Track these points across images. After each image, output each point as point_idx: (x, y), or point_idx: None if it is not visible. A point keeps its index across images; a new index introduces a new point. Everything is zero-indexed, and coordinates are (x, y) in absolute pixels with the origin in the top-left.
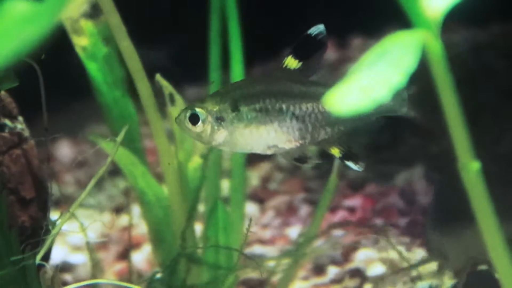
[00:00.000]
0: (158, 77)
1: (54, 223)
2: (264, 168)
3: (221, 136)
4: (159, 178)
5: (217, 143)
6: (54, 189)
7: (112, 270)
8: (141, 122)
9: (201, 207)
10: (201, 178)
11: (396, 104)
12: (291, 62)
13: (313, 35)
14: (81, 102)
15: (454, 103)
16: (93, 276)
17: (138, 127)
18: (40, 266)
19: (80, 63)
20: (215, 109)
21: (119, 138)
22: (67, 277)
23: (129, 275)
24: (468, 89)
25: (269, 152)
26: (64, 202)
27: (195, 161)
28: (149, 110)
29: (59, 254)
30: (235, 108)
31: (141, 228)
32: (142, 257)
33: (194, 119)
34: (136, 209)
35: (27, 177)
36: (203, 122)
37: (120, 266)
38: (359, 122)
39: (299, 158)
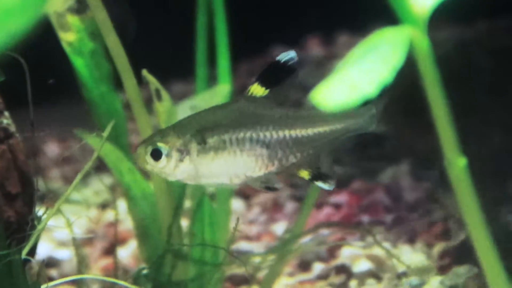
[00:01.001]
0: (145, 72)
1: (40, 218)
2: None
3: (185, 170)
4: (146, 174)
5: (181, 178)
6: (41, 184)
7: (98, 266)
8: (128, 118)
9: (187, 203)
10: None
11: (366, 121)
12: (257, 90)
13: (282, 61)
14: (68, 98)
15: (440, 100)
16: (79, 271)
17: (125, 123)
18: (26, 261)
19: (66, 59)
20: (178, 143)
21: (105, 133)
22: (53, 272)
23: (114, 271)
24: (455, 86)
25: (236, 182)
26: (51, 198)
27: None
28: (136, 106)
29: (45, 249)
30: (200, 140)
31: (127, 224)
32: (128, 253)
33: (156, 154)
34: (122, 205)
35: (13, 172)
36: (167, 156)
37: (106, 262)
38: (329, 144)
39: (268, 185)
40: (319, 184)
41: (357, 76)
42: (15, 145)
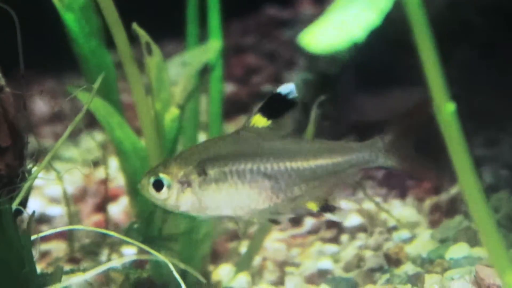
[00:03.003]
0: (135, 26)
1: (30, 171)
2: (242, 120)
3: (188, 201)
4: (137, 132)
5: (184, 209)
6: (32, 142)
7: (89, 222)
8: (119, 77)
9: None
10: (178, 129)
11: (372, 155)
12: (260, 121)
13: (282, 94)
14: (59, 54)
15: (429, 47)
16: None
17: (115, 78)
18: (17, 214)
19: (57, 14)
20: (180, 174)
21: (95, 85)
22: (45, 228)
23: (106, 225)
24: (447, 45)
25: (240, 214)
26: (42, 155)
27: (172, 112)
28: (126, 60)
29: (36, 206)
30: (202, 172)
31: (119, 181)
32: (119, 209)
33: (158, 185)
34: (113, 164)
35: (3, 126)
36: (168, 188)
37: (97, 218)
38: (334, 177)
39: (273, 219)
40: (328, 216)
41: (346, 19)
42: (5, 99)
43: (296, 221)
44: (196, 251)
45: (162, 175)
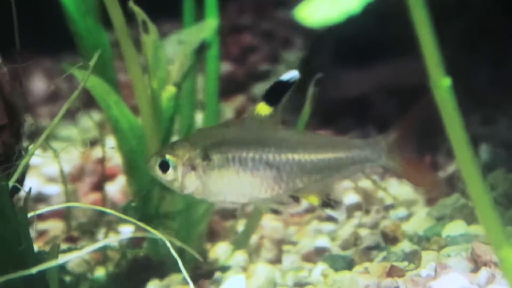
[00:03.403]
0: (132, 4)
1: (27, 149)
2: (238, 100)
3: (192, 184)
4: (134, 111)
5: (189, 191)
6: (29, 122)
7: (86, 201)
8: (116, 56)
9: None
10: (175, 107)
11: (375, 154)
12: (264, 109)
13: (285, 80)
14: (55, 33)
15: (426, 21)
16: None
17: (112, 56)
18: (14, 193)
19: None
20: (185, 157)
21: (91, 63)
22: (42, 207)
23: (103, 204)
24: (444, 21)
25: (243, 201)
26: (39, 134)
27: (169, 90)
28: (122, 37)
29: (33, 185)
30: (206, 157)
31: (116, 160)
32: (116, 188)
33: (164, 166)
34: (110, 143)
35: None
36: (174, 169)
37: (94, 197)
38: (336, 172)
39: (275, 208)
40: (329, 212)
41: None
42: (1, 77)
43: (293, 200)
44: (194, 230)
45: (168, 157)
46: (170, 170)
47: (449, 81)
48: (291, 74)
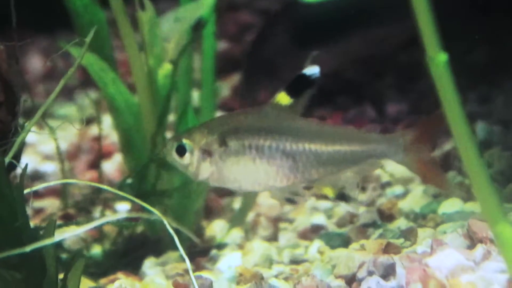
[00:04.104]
0: None
1: (23, 126)
2: (235, 78)
3: (208, 170)
4: (130, 89)
5: (204, 177)
6: (26, 99)
7: (83, 179)
8: (112, 35)
9: (172, 117)
10: (171, 85)
11: (391, 150)
12: (284, 99)
13: (307, 75)
14: (52, 12)
15: None
16: (64, 183)
17: (108, 35)
18: (10, 170)
19: None
20: (202, 142)
21: (87, 39)
22: (38, 185)
23: (99, 182)
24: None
25: (258, 190)
26: (35, 112)
27: (166, 68)
28: (119, 14)
29: (30, 163)
30: (223, 143)
31: (112, 138)
32: (112, 167)
33: (181, 150)
34: (107, 121)
35: None
36: (190, 154)
37: (91, 175)
38: (353, 166)
39: (290, 198)
40: (343, 205)
41: None
42: None
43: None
44: (190, 207)
45: (185, 141)
46: (187, 155)
47: (446, 56)
48: (314, 70)
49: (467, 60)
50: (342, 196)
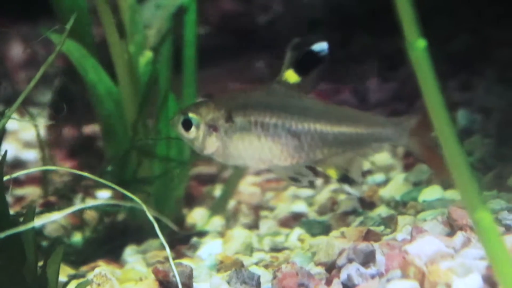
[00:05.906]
0: None
1: (3, 113)
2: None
3: (213, 145)
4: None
5: (209, 152)
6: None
7: (64, 166)
8: (95, 23)
9: None
10: (152, 72)
11: (396, 133)
12: (292, 76)
13: (315, 51)
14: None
15: None
16: (44, 171)
17: (90, 22)
18: None
19: None
20: (209, 117)
21: (68, 26)
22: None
23: (80, 170)
24: None
25: (262, 167)
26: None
27: (147, 55)
28: (100, 0)
29: (10, 150)
30: (229, 118)
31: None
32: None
33: (187, 124)
34: None
35: None
36: (196, 128)
37: (72, 163)
38: (358, 148)
39: (294, 177)
40: (346, 188)
41: None
42: None
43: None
44: (171, 195)
45: (191, 115)
46: (193, 129)
47: (425, 42)
48: (322, 46)
49: (448, 48)
50: (345, 179)
